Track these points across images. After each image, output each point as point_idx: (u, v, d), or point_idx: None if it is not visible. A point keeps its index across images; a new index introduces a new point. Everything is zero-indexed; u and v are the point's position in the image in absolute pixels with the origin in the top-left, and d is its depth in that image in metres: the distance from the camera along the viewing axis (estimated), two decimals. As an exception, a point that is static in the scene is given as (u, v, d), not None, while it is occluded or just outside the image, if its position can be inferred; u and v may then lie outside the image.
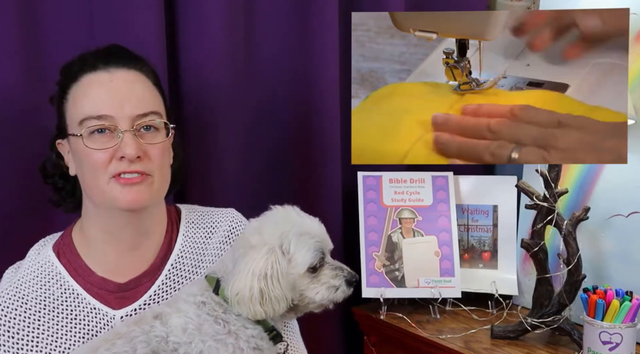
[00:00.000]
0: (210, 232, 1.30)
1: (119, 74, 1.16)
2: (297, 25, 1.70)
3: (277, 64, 1.70)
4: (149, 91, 1.18)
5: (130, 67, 1.17)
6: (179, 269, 1.24)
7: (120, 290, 1.20)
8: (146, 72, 1.19)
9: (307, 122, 1.73)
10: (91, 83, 1.15)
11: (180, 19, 1.56)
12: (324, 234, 1.12)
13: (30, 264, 1.22)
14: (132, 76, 1.17)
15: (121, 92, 1.14)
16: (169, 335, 1.04)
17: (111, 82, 1.15)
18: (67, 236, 1.25)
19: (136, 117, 1.14)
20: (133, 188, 1.14)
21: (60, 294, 1.19)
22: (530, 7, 1.95)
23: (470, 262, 1.81)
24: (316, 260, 1.08)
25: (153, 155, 1.15)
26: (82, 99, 1.15)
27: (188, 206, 1.34)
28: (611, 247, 1.58)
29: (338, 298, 1.10)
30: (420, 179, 1.80)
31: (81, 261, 1.21)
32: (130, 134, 1.12)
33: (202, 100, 1.58)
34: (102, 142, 1.13)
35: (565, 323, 1.49)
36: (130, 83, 1.16)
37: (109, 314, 1.18)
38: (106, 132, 1.13)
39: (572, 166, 1.65)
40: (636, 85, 1.53)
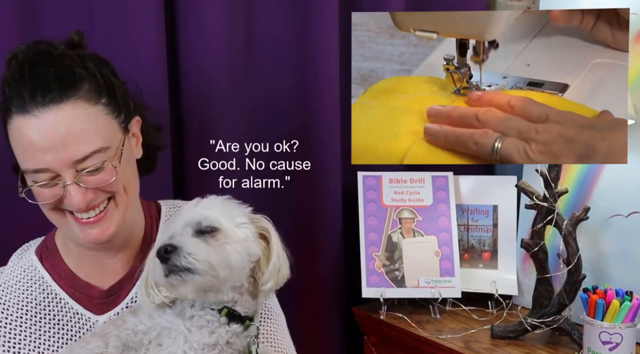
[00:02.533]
0: None
1: (49, 119, 1.01)
2: (297, 25, 1.70)
3: (277, 64, 1.70)
4: (87, 124, 1.04)
5: (59, 101, 1.02)
6: None
7: (103, 296, 1.18)
8: (83, 95, 1.05)
9: (307, 122, 1.73)
10: (21, 131, 1.03)
11: (180, 19, 1.56)
12: (188, 218, 0.99)
13: (13, 269, 1.20)
14: (63, 115, 1.02)
15: (54, 140, 1.01)
16: (137, 325, 1.02)
17: (41, 130, 1.01)
18: (50, 240, 1.22)
19: (75, 162, 1.03)
20: (94, 228, 1.09)
21: (43, 299, 1.17)
22: (531, 7, 1.95)
23: (470, 263, 1.81)
24: (159, 244, 0.96)
25: (105, 188, 1.07)
26: (17, 149, 1.05)
27: (168, 202, 1.31)
28: (611, 247, 1.58)
29: (156, 280, 0.98)
30: (420, 179, 1.79)
31: (64, 265, 1.19)
32: (74, 186, 1.04)
33: (202, 100, 1.58)
34: (48, 192, 1.06)
35: (565, 323, 1.49)
36: (62, 126, 1.02)
37: (92, 319, 1.16)
38: (49, 184, 1.05)
39: (572, 165, 1.65)
40: (636, 86, 1.53)
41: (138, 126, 1.17)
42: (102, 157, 1.05)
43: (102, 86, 1.08)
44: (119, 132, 1.10)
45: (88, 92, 1.06)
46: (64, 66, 1.06)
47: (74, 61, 1.07)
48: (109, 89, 1.09)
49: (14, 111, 1.03)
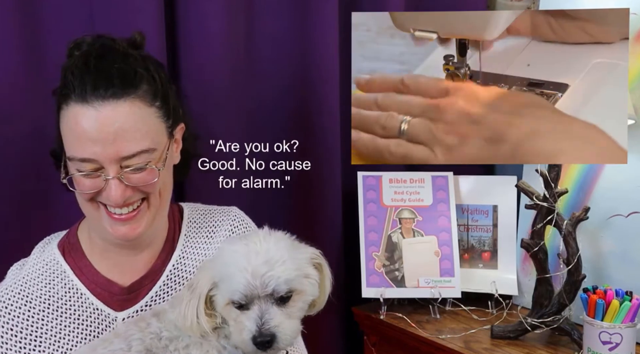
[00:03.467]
0: (212, 232, 1.29)
1: (106, 112, 1.04)
2: (297, 25, 1.70)
3: (277, 64, 1.70)
4: (141, 123, 1.07)
5: (119, 97, 1.05)
6: (180, 270, 1.23)
7: (123, 293, 1.19)
8: (141, 95, 1.08)
9: (307, 122, 1.73)
10: (77, 119, 1.05)
11: (180, 19, 1.56)
12: (264, 277, 0.98)
13: (35, 262, 1.21)
14: (120, 111, 1.05)
15: (107, 133, 1.04)
16: (162, 331, 1.04)
17: (97, 121, 1.04)
18: (73, 234, 1.24)
19: (122, 158, 1.06)
20: (125, 225, 1.11)
21: (64, 293, 1.18)
22: (531, 7, 1.95)
23: (470, 263, 1.82)
24: (234, 300, 0.99)
25: (144, 188, 1.10)
26: (69, 135, 1.07)
27: (190, 205, 1.33)
28: (611, 247, 1.58)
29: (244, 349, 1.00)
30: (420, 179, 1.80)
31: (86, 260, 1.20)
32: (116, 181, 1.06)
33: (202, 100, 1.58)
34: (89, 182, 1.08)
35: (565, 323, 1.49)
36: (117, 122, 1.05)
37: (111, 315, 1.18)
38: (92, 175, 1.07)
39: (572, 165, 1.65)
40: (636, 86, 1.53)
41: (181, 132, 1.21)
42: (148, 158, 1.08)
43: (159, 90, 1.11)
44: (165, 137, 1.13)
45: (146, 93, 1.09)
46: (128, 64, 1.09)
47: (137, 61, 1.11)
48: (164, 94, 1.12)
49: (73, 98, 1.06)
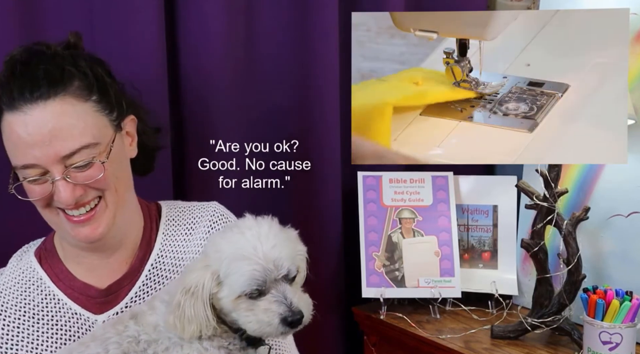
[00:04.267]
0: (191, 229, 1.25)
1: (36, 115, 1.03)
2: (297, 25, 1.69)
3: (277, 64, 1.70)
4: (76, 119, 1.05)
5: (48, 97, 1.04)
6: (159, 268, 1.21)
7: (101, 296, 1.18)
8: (72, 91, 1.06)
9: (307, 122, 1.73)
10: (11, 127, 1.05)
11: (180, 19, 1.56)
12: (276, 259, 0.98)
13: (12, 271, 1.21)
14: (50, 111, 1.04)
15: (41, 136, 1.03)
16: (140, 334, 1.02)
17: (28, 126, 1.03)
18: (49, 241, 1.23)
19: (63, 158, 1.04)
20: (86, 226, 1.10)
21: (40, 300, 1.17)
22: (531, 7, 1.95)
23: (470, 263, 1.81)
24: (247, 290, 0.97)
25: (94, 184, 1.08)
26: (8, 144, 1.07)
27: (169, 203, 1.31)
28: (611, 247, 1.58)
29: (270, 333, 0.99)
30: (420, 179, 1.79)
31: (62, 265, 1.19)
32: (62, 181, 1.05)
33: (202, 100, 1.58)
34: (38, 188, 1.07)
35: (565, 323, 1.49)
36: (49, 122, 1.03)
37: (91, 319, 1.17)
38: (39, 179, 1.06)
39: (572, 165, 1.65)
40: (636, 86, 1.53)
41: (133, 125, 1.18)
42: (91, 153, 1.07)
43: (93, 84, 1.09)
44: (109, 129, 1.11)
45: (78, 89, 1.07)
46: (55, 64, 1.08)
47: (65, 59, 1.09)
48: (100, 87, 1.10)
49: (4, 108, 1.05)
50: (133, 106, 1.19)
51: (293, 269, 1.00)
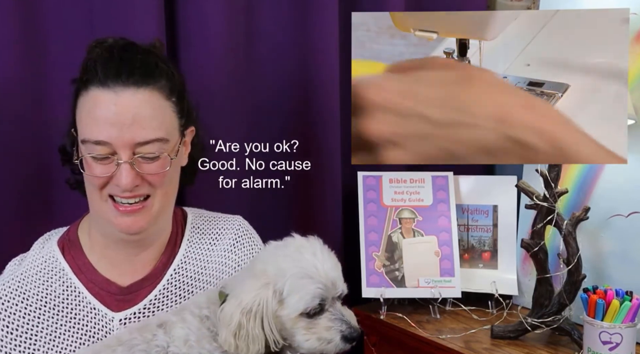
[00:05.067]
0: (215, 240, 1.29)
1: (125, 97, 1.09)
2: (297, 25, 1.70)
3: (277, 64, 1.70)
4: (157, 113, 1.11)
5: (140, 85, 1.10)
6: (181, 275, 1.23)
7: (121, 293, 1.19)
8: (159, 87, 1.12)
9: (307, 122, 1.73)
10: (96, 102, 1.09)
11: (180, 19, 1.56)
12: (334, 279, 1.04)
13: (34, 258, 1.21)
14: (139, 98, 1.10)
15: (124, 118, 1.08)
16: (169, 345, 1.03)
17: (115, 105, 1.08)
18: (73, 232, 1.24)
19: (136, 144, 1.09)
20: (130, 217, 1.13)
21: (62, 292, 1.18)
22: (531, 7, 1.95)
23: (470, 263, 1.81)
24: (310, 307, 1.01)
25: (152, 180, 1.12)
26: (85, 118, 1.11)
27: (195, 210, 1.33)
28: (611, 247, 1.58)
29: (329, 350, 1.02)
30: (420, 179, 1.79)
31: (85, 258, 1.21)
32: (128, 166, 1.09)
33: (201, 100, 1.57)
34: (100, 167, 1.10)
35: (565, 323, 1.49)
36: (136, 107, 1.09)
37: (108, 315, 1.18)
38: (105, 159, 1.10)
39: (572, 165, 1.65)
40: (636, 86, 1.53)
41: (191, 136, 1.24)
42: (161, 148, 1.12)
43: (176, 87, 1.16)
44: (177, 132, 1.17)
45: (164, 87, 1.13)
46: (150, 58, 1.14)
47: (159, 57, 1.16)
48: (180, 92, 1.18)
49: (94, 83, 1.09)
50: (196, 119, 1.25)
51: (345, 288, 1.06)
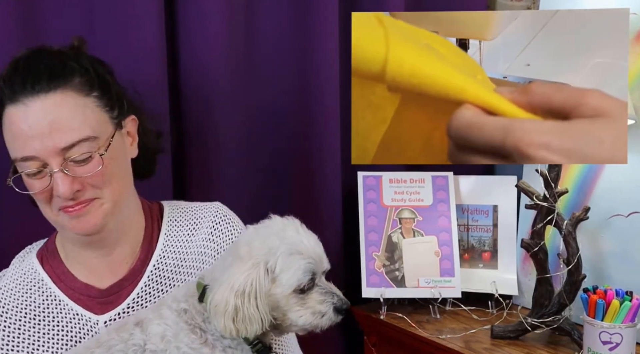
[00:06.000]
0: (193, 230, 1.25)
1: (37, 106, 1.05)
2: (297, 25, 1.70)
3: (277, 65, 1.70)
4: (76, 113, 1.07)
5: (49, 90, 1.06)
6: (161, 269, 1.21)
7: (102, 296, 1.18)
8: (73, 86, 1.08)
9: (308, 122, 1.73)
10: (12, 119, 1.06)
11: (180, 19, 1.56)
12: (320, 254, 1.05)
13: (14, 272, 1.21)
14: (50, 103, 1.06)
15: (41, 127, 1.04)
16: (146, 343, 1.02)
17: (28, 117, 1.05)
18: (51, 242, 1.23)
19: (62, 150, 1.05)
20: (81, 218, 1.11)
21: (42, 301, 1.17)
22: (531, 7, 1.95)
23: (470, 263, 1.81)
24: (304, 282, 1.01)
25: (92, 182, 1.09)
26: (8, 137, 1.09)
27: (172, 203, 1.31)
28: (611, 247, 1.58)
29: (323, 324, 1.04)
30: (420, 179, 1.79)
31: (63, 266, 1.20)
32: (61, 174, 1.06)
33: (201, 100, 1.58)
34: (37, 182, 1.08)
35: (565, 323, 1.49)
36: (49, 113, 1.05)
37: (92, 319, 1.17)
38: (38, 173, 1.07)
39: (572, 165, 1.65)
40: (636, 86, 1.53)
41: (134, 125, 1.19)
42: (89, 147, 1.08)
43: (94, 80, 1.11)
44: (109, 126, 1.13)
45: (79, 84, 1.09)
46: (57, 60, 1.10)
47: (68, 56, 1.12)
48: (101, 84, 1.12)
49: (6, 102, 1.07)
50: (134, 107, 1.20)
51: (329, 264, 1.06)
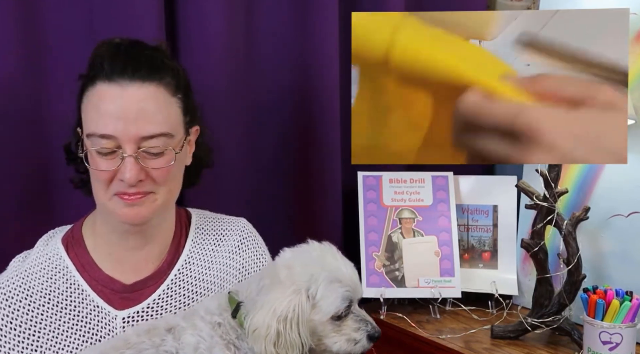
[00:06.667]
0: (219, 241, 1.29)
1: (132, 91, 1.10)
2: (297, 25, 1.70)
3: (277, 65, 1.70)
4: (163, 108, 1.12)
5: (146, 80, 1.11)
6: (186, 275, 1.24)
7: (125, 291, 1.20)
8: (165, 83, 1.13)
9: (308, 122, 1.73)
10: (102, 96, 1.10)
11: (181, 19, 1.56)
12: (356, 282, 1.08)
13: (38, 255, 1.22)
14: (145, 93, 1.11)
15: (129, 111, 1.09)
16: (179, 351, 1.03)
17: (121, 99, 1.09)
18: (77, 230, 1.24)
19: (141, 139, 1.09)
20: (134, 207, 1.13)
21: (65, 289, 1.19)
22: (531, 7, 1.95)
23: (470, 263, 1.82)
24: (342, 310, 1.04)
25: (157, 176, 1.13)
26: (91, 112, 1.11)
27: (198, 211, 1.34)
28: (611, 247, 1.58)
29: (356, 351, 1.07)
30: (420, 179, 1.80)
31: (89, 256, 1.21)
32: (132, 159, 1.09)
33: (201, 100, 1.58)
34: (105, 161, 1.11)
35: (565, 323, 1.49)
36: (141, 101, 1.10)
37: (111, 314, 1.18)
38: (111, 153, 1.10)
39: (572, 165, 1.65)
40: (636, 86, 1.53)
41: (196, 135, 1.24)
42: (165, 143, 1.12)
43: (181, 84, 1.18)
44: (182, 129, 1.18)
45: (170, 83, 1.14)
46: (156, 54, 1.16)
47: (165, 54, 1.18)
48: (185, 90, 1.19)
49: (100, 78, 1.11)
50: (200, 118, 1.25)
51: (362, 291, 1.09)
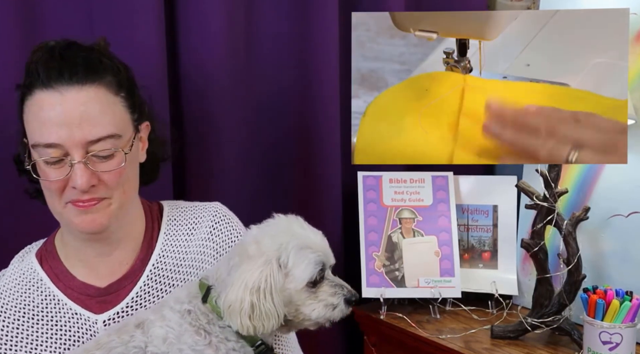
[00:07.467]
0: (192, 229, 1.25)
1: (71, 96, 1.06)
2: (297, 25, 1.70)
3: (277, 64, 1.70)
4: (107, 109, 1.09)
5: (85, 82, 1.07)
6: (161, 269, 1.21)
7: (100, 294, 1.18)
8: (106, 83, 1.10)
9: (307, 122, 1.73)
10: (42, 104, 1.07)
11: (181, 18, 1.56)
12: (326, 248, 1.07)
13: (13, 272, 1.21)
14: (85, 95, 1.07)
15: (72, 117, 1.05)
16: (147, 345, 1.02)
17: (62, 105, 1.06)
18: (50, 242, 1.23)
19: (88, 143, 1.06)
20: (88, 214, 1.11)
21: (41, 301, 1.18)
22: (531, 7, 1.95)
23: (470, 263, 1.81)
24: (315, 275, 1.03)
25: (109, 180, 1.10)
26: (33, 122, 1.08)
27: (171, 203, 1.31)
28: (611, 247, 1.58)
29: (335, 316, 1.06)
30: (420, 179, 1.80)
31: (62, 266, 1.20)
32: (82, 165, 1.06)
33: (201, 100, 1.58)
34: (54, 171, 1.08)
35: (565, 323, 1.49)
36: (83, 105, 1.06)
37: (91, 319, 1.17)
38: (58, 162, 1.07)
39: (572, 165, 1.65)
40: (636, 86, 1.53)
41: (147, 131, 1.21)
42: (114, 144, 1.09)
43: (124, 81, 1.14)
44: (131, 128, 1.15)
45: (111, 82, 1.11)
46: (93, 55, 1.12)
47: (102, 53, 1.14)
48: (128, 87, 1.15)
49: (37, 86, 1.07)
50: (149, 113, 1.22)
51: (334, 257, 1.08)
